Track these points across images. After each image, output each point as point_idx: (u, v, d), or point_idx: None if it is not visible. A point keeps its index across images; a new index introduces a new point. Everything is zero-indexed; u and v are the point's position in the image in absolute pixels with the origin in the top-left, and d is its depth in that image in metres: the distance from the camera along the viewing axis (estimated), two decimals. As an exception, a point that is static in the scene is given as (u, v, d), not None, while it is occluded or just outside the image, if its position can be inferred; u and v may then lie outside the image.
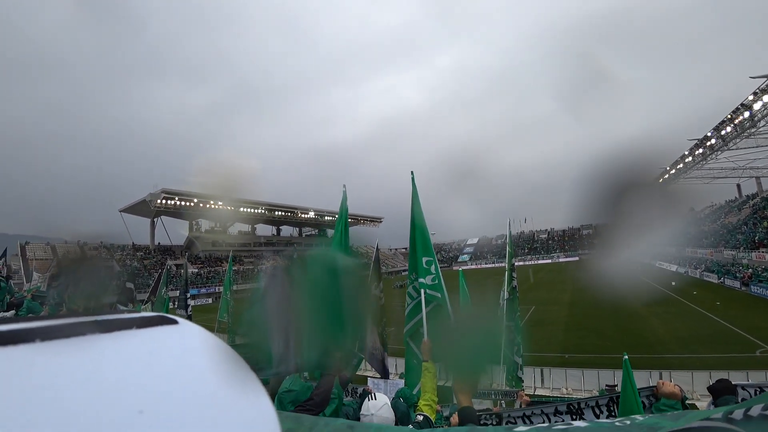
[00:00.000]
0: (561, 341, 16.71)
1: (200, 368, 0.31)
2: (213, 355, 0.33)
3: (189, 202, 55.34)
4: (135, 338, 0.30)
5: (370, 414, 2.73)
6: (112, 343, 0.29)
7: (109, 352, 0.28)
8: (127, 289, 13.94)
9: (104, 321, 0.30)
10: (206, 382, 0.30)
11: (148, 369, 0.29)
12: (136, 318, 0.32)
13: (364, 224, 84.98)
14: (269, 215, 68.30)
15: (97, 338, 0.28)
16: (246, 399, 0.32)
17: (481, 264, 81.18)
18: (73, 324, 0.28)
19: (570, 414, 3.28)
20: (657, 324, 18.37)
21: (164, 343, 0.31)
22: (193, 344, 0.33)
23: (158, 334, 0.32)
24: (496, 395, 8.34)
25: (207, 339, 0.34)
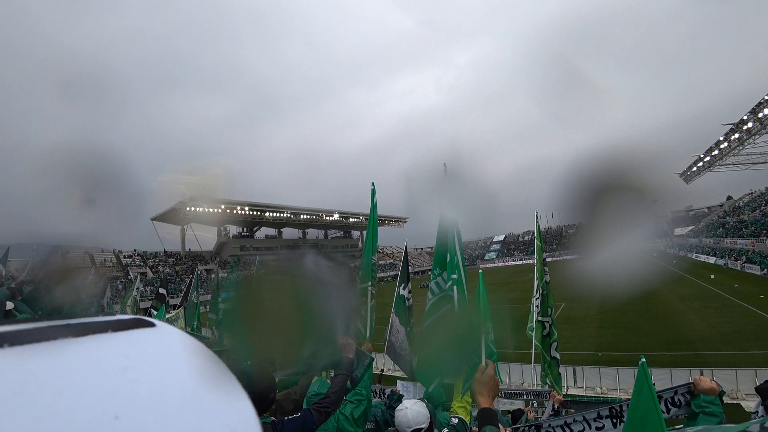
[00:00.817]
0: (593, 339, 16.25)
1: (179, 372, 0.30)
2: (192, 359, 0.32)
3: (216, 209, 56.70)
4: (110, 342, 0.29)
5: (405, 408, 2.73)
6: (86, 347, 0.28)
7: (83, 357, 0.27)
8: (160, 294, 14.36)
9: (77, 325, 0.29)
10: (185, 386, 0.29)
11: (124, 373, 0.28)
12: (112, 321, 0.31)
13: (389, 225, 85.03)
14: (295, 219, 69.22)
15: (69, 342, 0.27)
16: (226, 402, 0.31)
17: (508, 261, 79.96)
18: (44, 328, 0.27)
19: (611, 418, 3.14)
20: (696, 319, 17.62)
21: (141, 347, 0.30)
22: (171, 347, 0.32)
23: (134, 337, 0.31)
24: (527, 395, 8.15)
25: (186, 342, 0.33)
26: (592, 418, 3.17)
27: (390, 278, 62.23)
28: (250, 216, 62.55)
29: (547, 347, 7.43)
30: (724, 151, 45.90)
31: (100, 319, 0.30)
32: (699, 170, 55.76)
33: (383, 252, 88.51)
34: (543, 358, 7.48)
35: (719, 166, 51.51)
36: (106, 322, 0.30)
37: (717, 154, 47.46)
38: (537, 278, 7.85)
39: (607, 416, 3.13)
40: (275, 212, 65.06)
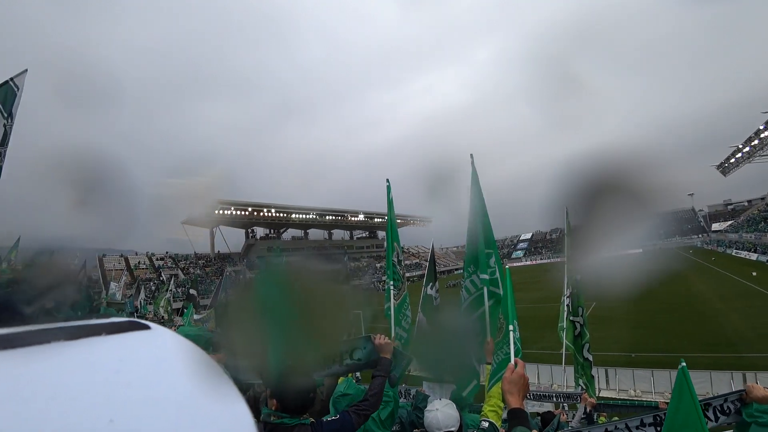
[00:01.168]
0: (627, 339, 15.70)
1: (173, 374, 0.30)
2: (187, 361, 0.31)
3: (243, 211, 57.97)
4: (104, 345, 0.29)
5: (435, 410, 2.71)
6: (79, 351, 0.28)
7: (76, 360, 0.27)
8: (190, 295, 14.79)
9: (70, 328, 0.29)
10: (180, 389, 0.29)
11: (118, 376, 0.27)
12: (106, 324, 0.30)
13: (414, 225, 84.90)
14: (320, 220, 70.07)
15: (62, 345, 0.27)
16: (222, 405, 0.30)
17: (535, 260, 78.51)
18: (37, 331, 0.27)
19: (655, 426, 2.98)
20: (737, 320, 16.80)
21: (135, 350, 0.30)
22: (165, 350, 0.32)
23: (129, 340, 0.31)
24: (557, 398, 7.95)
25: (180, 345, 0.33)
26: (635, 426, 3.01)
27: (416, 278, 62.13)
28: (277, 218, 63.67)
29: (579, 348, 7.17)
30: (765, 141, 43.64)
31: (93, 322, 0.30)
32: (737, 162, 53.25)
33: (408, 252, 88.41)
34: (576, 360, 7.22)
35: (759, 156, 49.02)
36: (99, 325, 0.30)
37: (757, 144, 45.21)
38: (567, 276, 7.63)
39: (650, 424, 2.96)
40: (301, 214, 66.07)
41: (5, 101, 4.30)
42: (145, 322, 0.33)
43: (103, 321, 0.31)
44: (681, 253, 50.55)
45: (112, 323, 0.31)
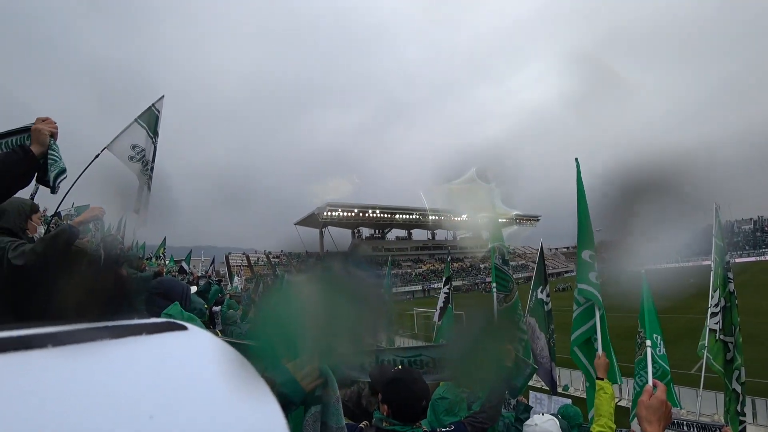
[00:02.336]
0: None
1: (209, 374, 0.31)
2: (222, 362, 0.32)
3: (350, 212, 61.00)
4: (145, 344, 0.30)
5: (534, 424, 2.56)
6: (122, 349, 0.29)
7: (119, 358, 0.29)
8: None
9: (114, 327, 0.30)
10: (215, 388, 0.30)
11: (158, 374, 0.29)
12: (146, 324, 0.32)
13: (521, 224, 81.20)
14: (423, 220, 70.72)
15: (107, 344, 0.29)
16: (254, 405, 0.31)
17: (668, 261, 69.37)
18: (84, 330, 0.29)
19: None
20: None
21: (173, 349, 0.32)
22: (202, 350, 0.33)
23: (167, 340, 0.32)
24: (689, 427, 6.90)
25: (216, 345, 0.34)
26: None
27: (522, 280, 59.29)
28: (381, 219, 65.82)
29: (730, 375, 5.76)
30: None
31: (135, 322, 0.32)
32: None
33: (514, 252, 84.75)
34: (726, 387, 5.81)
35: None
36: (141, 325, 0.31)
37: None
38: (717, 286, 6.26)
39: None
40: (405, 214, 67.38)
41: (149, 123, 5.14)
42: (182, 323, 0.34)
43: (144, 321, 0.32)
44: None
45: (152, 323, 0.32)
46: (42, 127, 2.14)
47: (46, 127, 2.15)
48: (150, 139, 5.11)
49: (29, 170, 2.08)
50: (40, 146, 2.10)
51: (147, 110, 5.19)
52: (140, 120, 5.11)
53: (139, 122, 5.09)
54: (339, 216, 61.02)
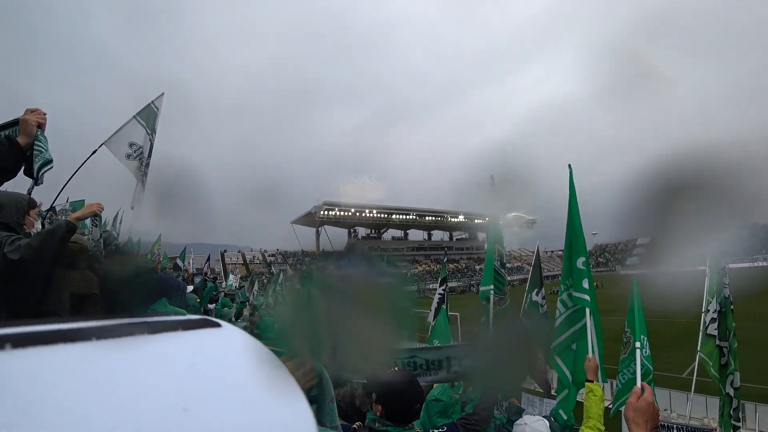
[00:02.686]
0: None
1: (241, 370, 0.32)
2: (253, 359, 0.34)
3: (347, 212, 60.95)
4: (180, 340, 0.32)
5: (524, 424, 2.57)
6: (160, 344, 0.31)
7: (157, 352, 0.30)
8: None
9: (152, 323, 0.32)
10: (246, 384, 0.32)
11: (192, 369, 0.30)
12: (182, 320, 0.33)
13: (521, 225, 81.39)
14: (420, 221, 70.81)
15: (146, 338, 0.30)
16: (284, 402, 0.33)
17: (656, 268, 69.83)
18: (124, 325, 0.30)
19: None
20: None
21: (208, 346, 0.33)
22: (234, 347, 0.34)
23: (202, 336, 0.33)
24: (680, 430, 6.95)
25: (248, 343, 0.35)
26: None
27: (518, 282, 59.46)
28: (378, 218, 65.81)
29: (724, 380, 5.81)
30: None
31: (172, 318, 0.33)
32: None
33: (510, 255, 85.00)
34: (720, 392, 5.86)
35: None
36: (177, 321, 0.33)
37: None
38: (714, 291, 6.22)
39: None
40: (401, 215, 67.43)
41: (148, 120, 5.08)
42: (216, 320, 0.35)
43: (179, 318, 0.34)
44: None
45: (187, 320, 0.34)
46: (29, 117, 2.10)
47: (33, 118, 2.11)
48: (148, 137, 5.05)
49: (16, 162, 2.06)
50: (26, 137, 2.07)
51: (146, 108, 5.14)
52: (139, 117, 5.05)
53: (138, 119, 5.03)
54: (336, 215, 60.96)
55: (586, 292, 3.86)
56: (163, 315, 0.34)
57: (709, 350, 6.08)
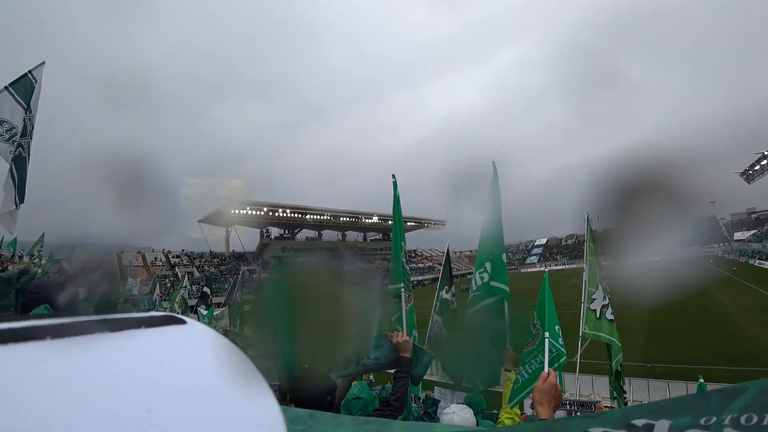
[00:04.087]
0: (642, 349, 15.39)
1: (207, 368, 0.32)
2: (220, 356, 0.33)
3: (259, 211, 58.58)
4: (143, 337, 0.31)
5: (452, 412, 2.68)
6: (121, 342, 0.29)
7: (118, 351, 0.29)
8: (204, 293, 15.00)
9: (113, 320, 0.30)
10: (213, 382, 0.31)
11: (156, 368, 0.29)
12: (145, 317, 0.32)
13: (428, 228, 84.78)
14: (334, 221, 70.46)
15: (105, 337, 0.29)
16: (252, 399, 0.32)
17: (550, 266, 77.59)
18: (83, 323, 0.29)
19: None
20: (760, 332, 16.31)
21: (172, 343, 0.32)
22: (200, 344, 0.33)
23: (166, 333, 0.32)
24: (571, 405, 7.83)
25: (214, 339, 0.34)
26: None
27: (429, 281, 61.94)
28: (291, 218, 64.23)
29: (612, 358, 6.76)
30: (791, 150, 42.45)
31: (134, 315, 0.32)
32: (763, 169, 51.81)
33: (421, 255, 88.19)
34: (610, 370, 6.81)
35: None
36: (140, 318, 0.32)
37: (782, 153, 43.98)
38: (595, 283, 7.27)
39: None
40: (316, 215, 66.54)
41: (24, 93, 4.29)
42: (181, 316, 0.34)
43: (143, 314, 0.32)
44: (701, 263, 49.36)
45: (151, 317, 0.32)
46: None
47: None
48: (24, 114, 4.25)
49: None
50: None
51: (22, 78, 4.27)
52: (12, 88, 4.21)
53: (9, 91, 4.19)
54: (247, 214, 58.35)
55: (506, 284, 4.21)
56: (125, 312, 0.32)
57: (609, 330, 7.00)
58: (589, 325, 7.14)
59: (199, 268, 55.48)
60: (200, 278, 48.47)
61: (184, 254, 58.59)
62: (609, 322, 7.11)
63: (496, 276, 4.41)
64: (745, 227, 69.39)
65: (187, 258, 57.97)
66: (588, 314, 7.24)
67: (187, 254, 58.91)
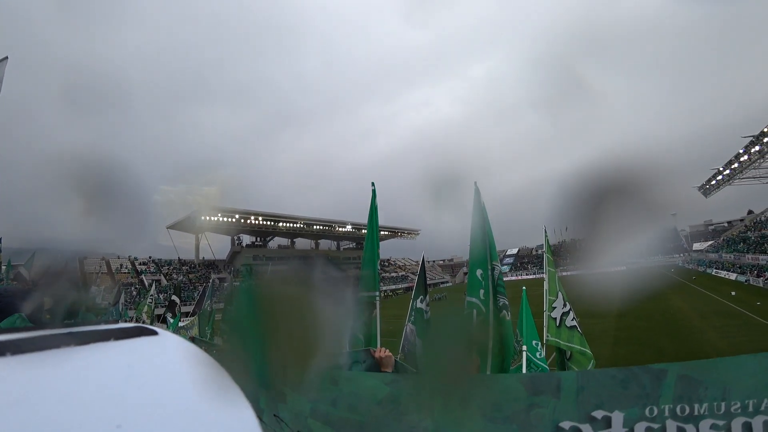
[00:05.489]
0: (608, 356, 15.84)
1: (181, 380, 0.30)
2: (194, 367, 0.32)
3: (230, 218, 57.38)
4: (113, 350, 0.29)
5: None
6: (89, 356, 0.28)
7: (86, 365, 0.27)
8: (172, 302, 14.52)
9: (80, 333, 0.29)
10: (187, 394, 0.30)
11: (127, 381, 0.28)
12: (114, 329, 0.31)
13: (401, 237, 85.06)
14: (308, 229, 69.76)
15: (72, 351, 0.27)
16: (228, 410, 0.31)
17: (521, 275, 79.13)
18: (47, 336, 0.27)
19: None
20: (716, 338, 17.10)
21: (143, 355, 0.31)
22: (173, 355, 0.32)
23: (137, 345, 0.31)
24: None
25: (188, 350, 0.33)
26: None
27: (402, 290, 62.00)
28: (264, 226, 63.21)
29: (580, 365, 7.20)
30: (744, 164, 45.03)
31: (103, 327, 0.31)
32: (718, 183, 54.68)
33: (395, 264, 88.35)
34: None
35: (739, 179, 50.49)
36: (108, 331, 0.30)
37: (737, 167, 46.57)
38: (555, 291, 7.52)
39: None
40: (288, 222, 65.70)
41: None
42: (153, 327, 0.33)
43: (112, 326, 0.31)
44: (663, 272, 51.46)
45: (121, 329, 0.31)
46: None
47: None
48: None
49: None
50: None
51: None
52: None
53: None
54: (218, 221, 57.06)
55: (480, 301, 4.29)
56: (93, 324, 0.31)
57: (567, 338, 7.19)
58: (551, 333, 7.35)
59: (167, 276, 53.76)
60: (168, 286, 46.94)
61: (151, 261, 56.69)
62: (568, 330, 7.31)
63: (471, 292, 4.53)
64: (703, 238, 72.98)
65: (155, 265, 56.09)
66: (550, 322, 7.46)
67: (154, 261, 57.03)
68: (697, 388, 1.42)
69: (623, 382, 1.46)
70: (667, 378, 1.44)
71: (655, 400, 1.41)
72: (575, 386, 1.47)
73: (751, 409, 1.38)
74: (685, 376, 1.39)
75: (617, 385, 1.46)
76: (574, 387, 1.47)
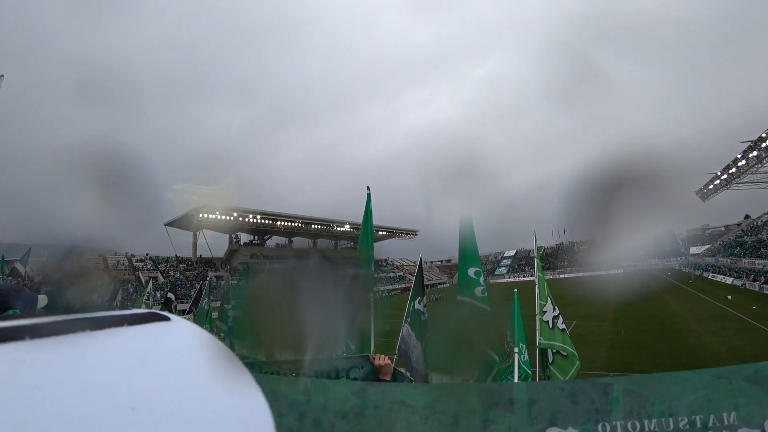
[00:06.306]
0: (605, 359, 15.89)
1: (193, 365, 0.31)
2: (206, 353, 0.32)
3: (228, 216, 57.26)
4: (126, 335, 0.30)
5: None
6: (103, 341, 0.29)
7: (100, 350, 0.28)
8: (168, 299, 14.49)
9: (95, 318, 0.29)
10: (199, 380, 0.30)
11: (140, 366, 0.29)
12: (128, 315, 0.31)
13: (400, 237, 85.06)
14: (306, 228, 69.67)
15: (87, 335, 0.28)
16: (240, 396, 0.31)
17: (519, 277, 79.27)
18: (63, 321, 0.28)
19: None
20: (713, 341, 17.16)
21: (156, 340, 0.31)
22: (185, 341, 0.33)
23: (150, 331, 0.32)
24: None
25: (200, 336, 0.34)
26: None
27: (399, 291, 62.03)
28: (262, 224, 63.10)
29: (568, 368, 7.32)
30: (742, 169, 45.23)
31: (116, 312, 0.31)
32: (716, 188, 54.92)
33: (392, 264, 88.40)
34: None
35: (737, 184, 50.72)
36: (122, 316, 0.31)
37: (734, 172, 46.76)
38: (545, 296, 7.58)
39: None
40: (286, 221, 65.58)
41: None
42: (165, 313, 0.34)
43: (125, 312, 0.32)
44: (660, 275, 51.64)
45: (134, 314, 0.32)
46: None
47: None
48: None
49: None
50: None
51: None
52: None
53: None
54: (216, 219, 56.92)
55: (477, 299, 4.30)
56: (106, 311, 0.31)
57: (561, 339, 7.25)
58: (544, 336, 7.42)
59: (164, 273, 53.66)
60: (165, 284, 46.83)
61: (148, 258, 56.56)
62: (561, 332, 7.38)
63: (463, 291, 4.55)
64: (699, 242, 73.24)
65: (152, 262, 55.98)
66: (542, 325, 7.51)
67: (151, 258, 56.91)
68: (645, 403, 1.44)
69: (572, 395, 1.49)
70: (613, 392, 1.46)
71: (606, 416, 1.44)
72: (527, 398, 1.50)
73: (699, 425, 1.40)
74: (630, 391, 1.41)
75: (566, 399, 1.48)
76: (525, 399, 1.50)
